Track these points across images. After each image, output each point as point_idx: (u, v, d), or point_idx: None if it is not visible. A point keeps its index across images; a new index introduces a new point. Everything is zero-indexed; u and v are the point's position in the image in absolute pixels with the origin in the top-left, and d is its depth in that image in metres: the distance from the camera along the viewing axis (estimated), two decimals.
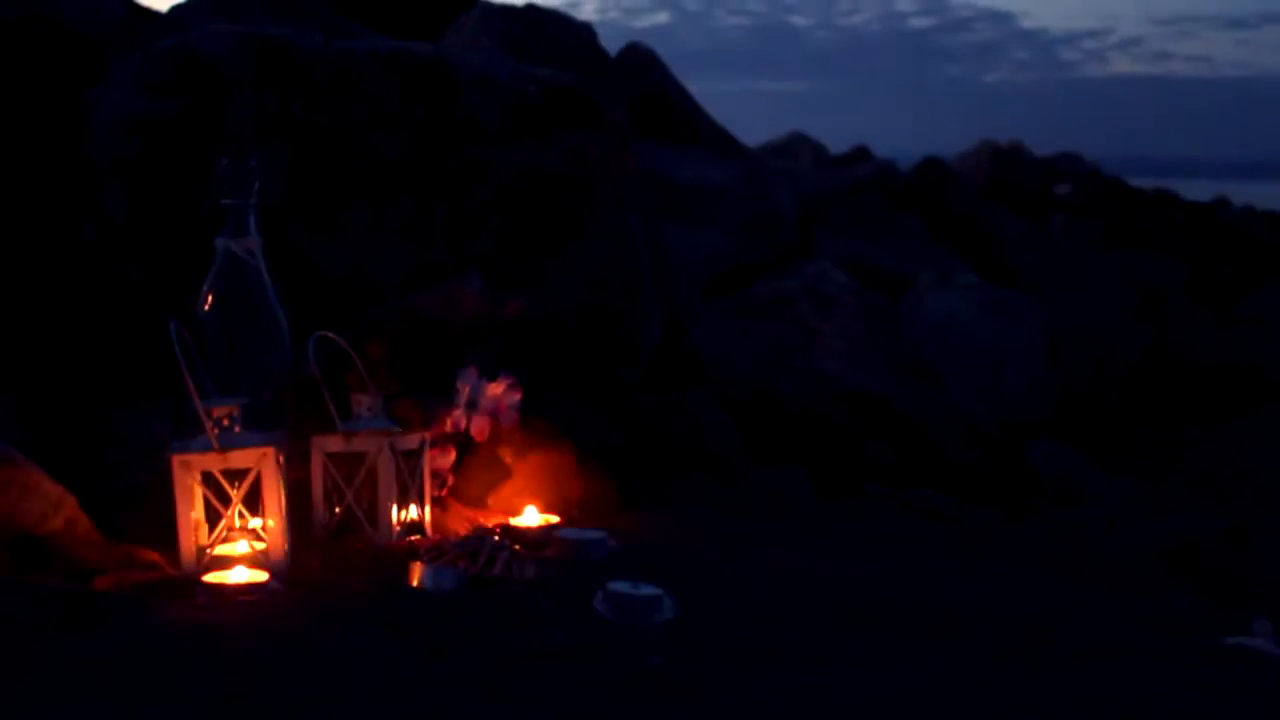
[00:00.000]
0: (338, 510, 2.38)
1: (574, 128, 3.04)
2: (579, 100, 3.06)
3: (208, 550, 2.10)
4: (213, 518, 2.13)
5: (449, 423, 2.55)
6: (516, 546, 2.25)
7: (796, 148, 8.64)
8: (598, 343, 3.07)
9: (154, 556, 2.14)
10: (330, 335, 2.42)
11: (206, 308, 2.33)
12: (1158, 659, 1.99)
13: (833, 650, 1.95)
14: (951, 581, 2.38)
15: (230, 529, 2.13)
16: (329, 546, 2.30)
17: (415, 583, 2.06)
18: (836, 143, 9.40)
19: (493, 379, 2.57)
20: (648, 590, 2.06)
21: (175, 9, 3.75)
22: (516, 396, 2.57)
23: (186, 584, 2.02)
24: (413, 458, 2.40)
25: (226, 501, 2.12)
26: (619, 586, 2.06)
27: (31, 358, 2.80)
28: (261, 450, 2.12)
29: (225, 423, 2.13)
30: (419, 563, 2.08)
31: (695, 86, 6.24)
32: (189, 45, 2.84)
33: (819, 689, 1.78)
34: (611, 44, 5.76)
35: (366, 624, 1.88)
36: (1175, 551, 2.78)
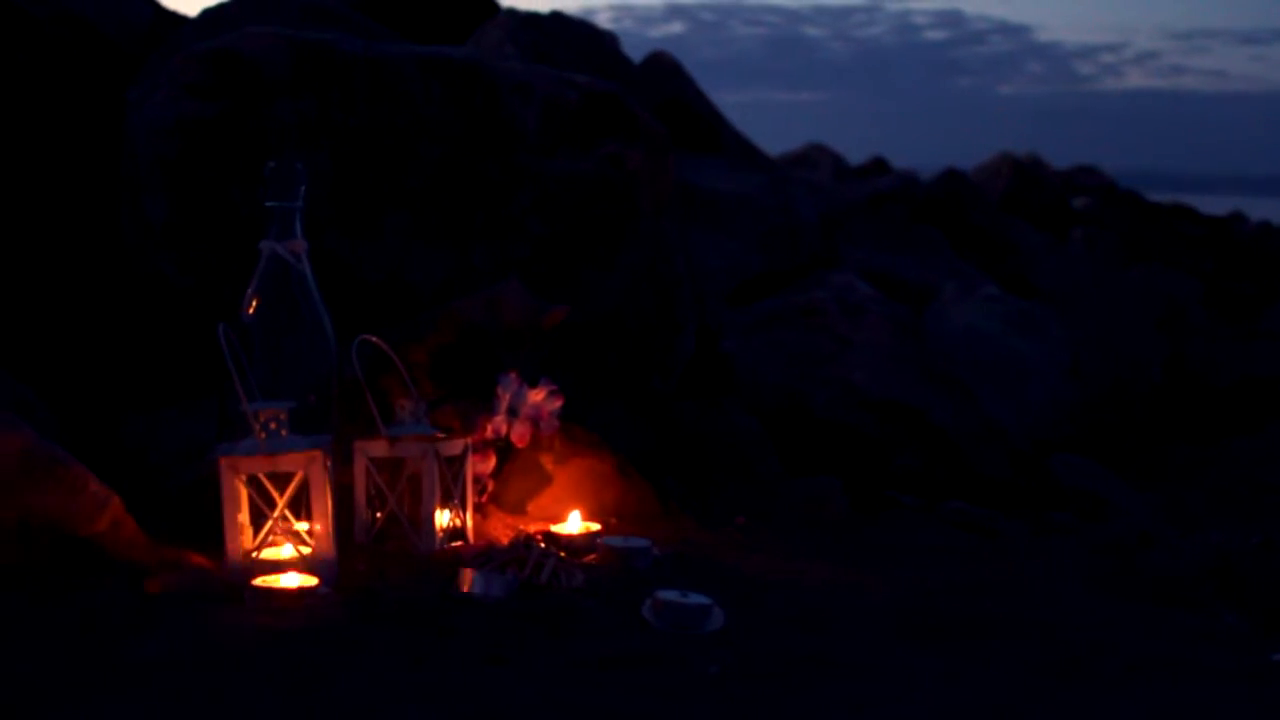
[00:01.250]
0: (379, 515, 2.37)
1: (612, 135, 3.03)
2: (618, 107, 3.05)
3: (254, 554, 2.09)
4: (256, 521, 2.12)
5: (489, 429, 2.54)
6: (562, 554, 2.24)
7: (815, 158, 8.62)
8: (634, 351, 3.06)
9: (199, 559, 2.13)
10: (374, 340, 2.42)
11: (251, 310, 2.32)
12: (1209, 674, 1.98)
13: (885, 662, 1.94)
14: (995, 594, 2.36)
15: (275, 533, 2.12)
16: (373, 552, 2.29)
17: (465, 589, 2.05)
18: (851, 153, 9.39)
19: (533, 386, 2.56)
20: (697, 599, 2.05)
21: (206, 12, 3.74)
22: (557, 403, 2.56)
23: (235, 587, 2.01)
24: (456, 463, 2.39)
25: (271, 504, 2.11)
26: (668, 595, 2.05)
27: (69, 360, 2.80)
28: (309, 454, 2.11)
29: (273, 426, 2.12)
30: (469, 569, 2.07)
31: (709, 96, 6.23)
32: (230, 47, 2.83)
33: (876, 701, 1.77)
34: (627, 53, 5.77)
35: (420, 630, 1.87)
36: (1214, 566, 2.76)
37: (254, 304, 2.32)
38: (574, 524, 2.50)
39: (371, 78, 2.88)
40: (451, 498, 2.38)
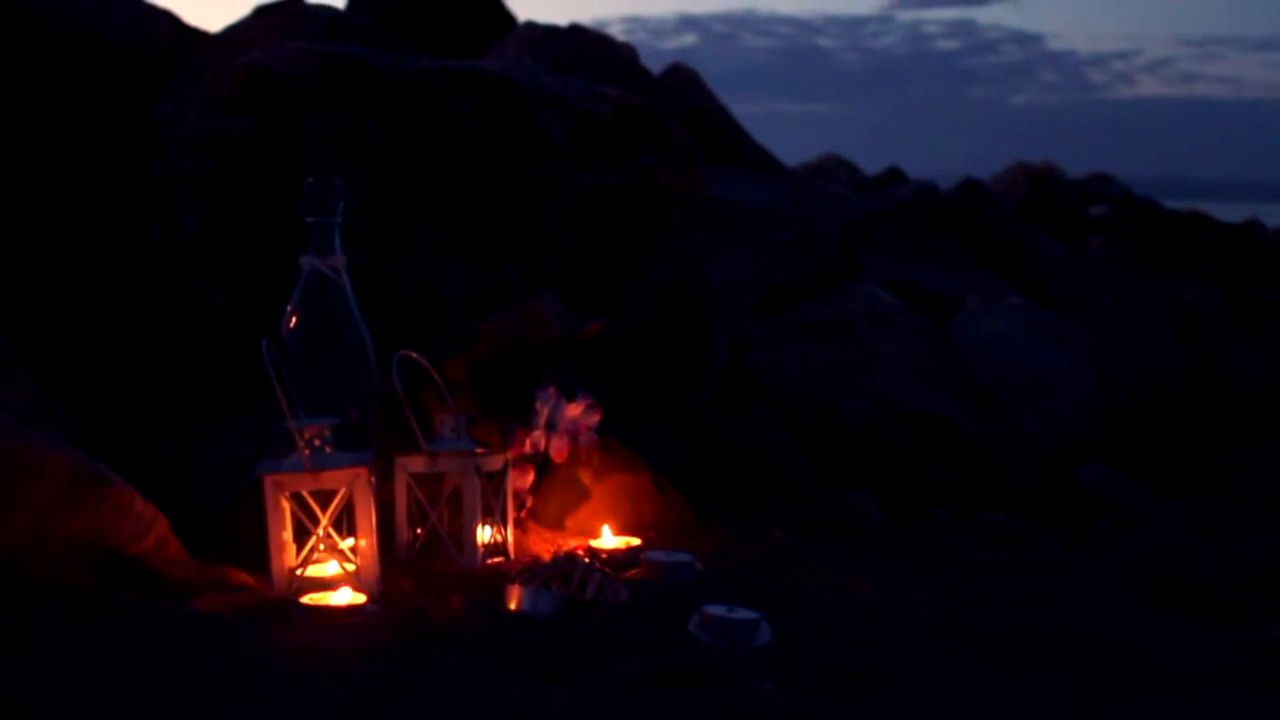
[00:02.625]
0: (420, 532, 2.36)
1: (644, 148, 3.03)
2: (650, 120, 3.04)
3: (298, 572, 2.08)
4: (299, 538, 2.11)
5: (527, 444, 2.53)
6: (607, 569, 2.23)
7: (832, 169, 8.62)
8: (668, 364, 3.05)
9: (244, 578, 2.12)
10: (413, 355, 2.41)
11: (291, 326, 2.31)
12: (1263, 687, 1.96)
13: (938, 676, 1.92)
14: (1040, 606, 2.35)
15: (318, 550, 2.11)
16: (416, 569, 2.28)
17: (513, 606, 2.03)
18: (865, 164, 9.40)
19: (570, 400, 2.55)
20: (744, 614, 2.04)
21: (230, 29, 3.75)
22: (595, 418, 2.55)
23: (282, 605, 1.99)
24: (496, 478, 2.38)
25: (314, 521, 2.10)
26: (715, 610, 2.04)
27: (103, 377, 2.79)
28: (354, 471, 2.10)
29: (317, 443, 2.11)
30: (516, 585, 2.06)
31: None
32: (264, 63, 2.82)
33: (931, 715, 1.75)
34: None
35: (473, 647, 1.86)
36: (1256, 577, 2.74)
37: (294, 320, 2.31)
38: (612, 539, 2.49)
39: (405, 93, 2.88)
40: (492, 513, 2.37)
